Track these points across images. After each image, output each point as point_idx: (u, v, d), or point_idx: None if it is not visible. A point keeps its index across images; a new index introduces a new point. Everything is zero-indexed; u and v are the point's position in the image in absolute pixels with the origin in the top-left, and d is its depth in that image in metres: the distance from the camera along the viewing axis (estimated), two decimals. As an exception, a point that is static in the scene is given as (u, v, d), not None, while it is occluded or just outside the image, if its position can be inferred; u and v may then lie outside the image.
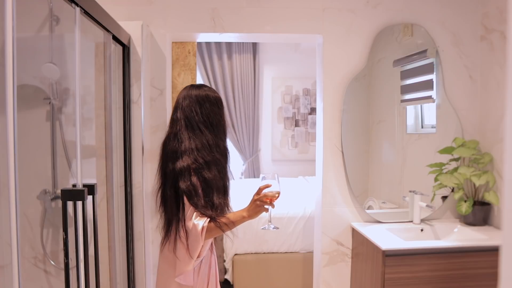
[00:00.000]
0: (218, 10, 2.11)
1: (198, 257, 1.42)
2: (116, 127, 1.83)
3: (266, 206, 1.34)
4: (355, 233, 2.15)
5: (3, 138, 0.91)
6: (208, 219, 1.36)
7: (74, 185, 1.29)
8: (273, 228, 1.44)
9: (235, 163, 4.79)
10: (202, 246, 1.40)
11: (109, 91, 1.75)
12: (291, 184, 3.97)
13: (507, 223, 0.64)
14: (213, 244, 1.61)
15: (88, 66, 1.86)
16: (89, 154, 1.82)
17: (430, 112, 2.25)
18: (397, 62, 2.22)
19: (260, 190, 1.35)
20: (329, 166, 2.19)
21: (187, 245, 1.38)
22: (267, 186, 1.34)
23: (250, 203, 1.37)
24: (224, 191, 1.46)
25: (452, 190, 2.20)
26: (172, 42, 2.24)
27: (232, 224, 1.38)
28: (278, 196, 1.35)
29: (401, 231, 2.05)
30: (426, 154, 2.23)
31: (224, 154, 1.47)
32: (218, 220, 1.37)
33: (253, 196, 1.37)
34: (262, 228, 1.45)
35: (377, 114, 2.27)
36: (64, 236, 1.24)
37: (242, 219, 1.38)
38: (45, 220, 1.87)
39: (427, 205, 2.07)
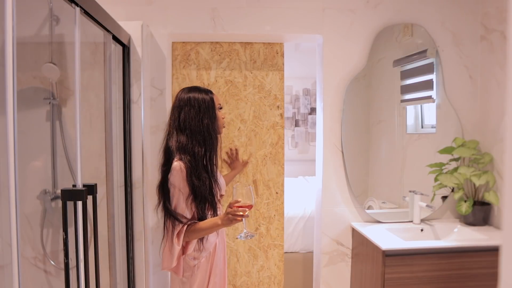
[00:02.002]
0: (218, 10, 2.11)
1: (184, 253, 1.52)
2: (116, 127, 1.82)
3: (239, 218, 1.39)
4: (355, 233, 2.15)
5: (3, 138, 0.91)
6: (185, 224, 1.46)
7: (74, 185, 1.29)
8: (246, 236, 1.49)
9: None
10: (187, 245, 1.51)
11: (109, 91, 1.75)
12: (291, 184, 3.97)
13: (507, 223, 0.64)
14: (217, 243, 1.62)
15: (88, 66, 1.86)
16: (89, 154, 1.82)
17: (430, 112, 2.25)
18: (397, 62, 2.22)
19: (231, 204, 1.42)
20: (329, 166, 2.19)
21: (166, 246, 1.51)
22: (237, 202, 1.41)
23: (223, 214, 1.44)
24: (199, 197, 1.48)
25: (452, 190, 2.20)
26: (260, 43, 2.28)
27: (207, 230, 1.47)
28: (250, 208, 1.42)
29: (401, 231, 2.05)
30: (426, 154, 2.23)
31: (197, 158, 1.48)
32: (190, 225, 1.48)
33: (227, 208, 1.43)
34: (237, 238, 1.49)
35: (377, 114, 2.27)
36: (64, 236, 1.24)
37: (217, 226, 1.45)
38: (45, 220, 1.87)
39: (427, 205, 2.07)
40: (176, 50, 2.23)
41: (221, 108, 1.61)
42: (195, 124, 1.49)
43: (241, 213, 1.37)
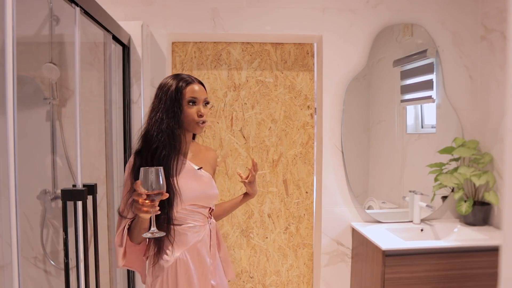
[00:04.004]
0: (218, 10, 2.11)
1: (145, 255, 1.31)
2: (116, 127, 1.83)
3: (145, 209, 1.07)
4: (355, 233, 2.15)
5: (3, 138, 0.91)
6: (125, 224, 1.23)
7: (74, 185, 1.29)
8: (152, 234, 1.11)
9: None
10: (130, 236, 1.24)
11: (109, 91, 1.75)
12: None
13: (507, 223, 0.64)
14: (179, 260, 1.28)
15: (88, 66, 1.86)
16: (89, 154, 1.82)
17: (430, 112, 2.25)
18: (397, 62, 2.22)
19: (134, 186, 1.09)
20: (329, 166, 2.19)
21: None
22: (137, 186, 1.07)
23: None
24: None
25: (452, 190, 2.20)
26: (291, 44, 2.30)
27: (137, 227, 1.19)
28: (159, 196, 1.08)
29: (401, 231, 2.05)
30: (426, 154, 2.23)
31: (145, 153, 1.24)
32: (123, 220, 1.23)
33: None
34: (143, 236, 1.13)
35: (377, 114, 2.27)
36: (64, 236, 1.24)
37: (141, 222, 1.17)
38: (45, 220, 1.87)
39: (427, 205, 2.07)
40: (208, 50, 2.26)
41: (193, 103, 1.29)
42: (150, 117, 1.28)
43: (147, 202, 1.07)
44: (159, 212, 1.11)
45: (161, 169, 1.09)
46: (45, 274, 1.87)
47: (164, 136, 1.24)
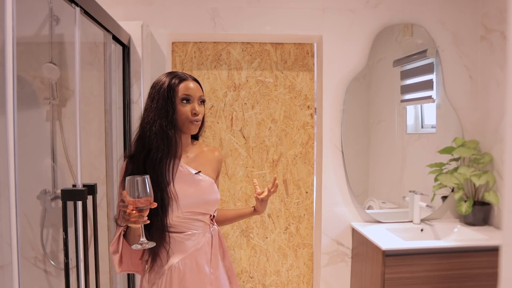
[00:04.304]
0: (218, 10, 2.12)
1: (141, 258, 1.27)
2: (116, 127, 1.83)
3: (133, 219, 1.01)
4: (355, 233, 2.15)
5: (3, 138, 0.91)
6: (120, 232, 1.19)
7: (74, 185, 1.29)
8: (142, 245, 1.05)
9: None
10: (128, 242, 1.19)
11: (109, 91, 1.75)
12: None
13: (507, 223, 0.64)
14: (174, 267, 1.21)
15: (88, 66, 1.86)
16: (89, 154, 1.82)
17: (430, 112, 2.25)
18: (397, 62, 2.22)
19: (125, 200, 1.01)
20: (329, 166, 2.19)
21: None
22: (125, 197, 1.01)
23: None
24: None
25: (452, 190, 2.20)
26: (291, 44, 2.30)
27: (131, 233, 1.16)
28: (147, 204, 1.01)
29: (401, 231, 2.05)
30: (426, 154, 2.23)
31: (138, 157, 1.18)
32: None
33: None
34: (133, 248, 1.07)
35: (377, 114, 2.27)
36: (64, 236, 1.24)
37: (133, 229, 1.13)
38: (45, 220, 1.87)
39: (427, 205, 2.07)
40: (207, 50, 2.26)
41: (187, 101, 1.21)
42: (143, 118, 1.22)
43: (134, 212, 1.00)
44: (148, 222, 1.04)
45: (147, 177, 1.01)
46: (45, 274, 1.87)
47: (157, 138, 1.16)
